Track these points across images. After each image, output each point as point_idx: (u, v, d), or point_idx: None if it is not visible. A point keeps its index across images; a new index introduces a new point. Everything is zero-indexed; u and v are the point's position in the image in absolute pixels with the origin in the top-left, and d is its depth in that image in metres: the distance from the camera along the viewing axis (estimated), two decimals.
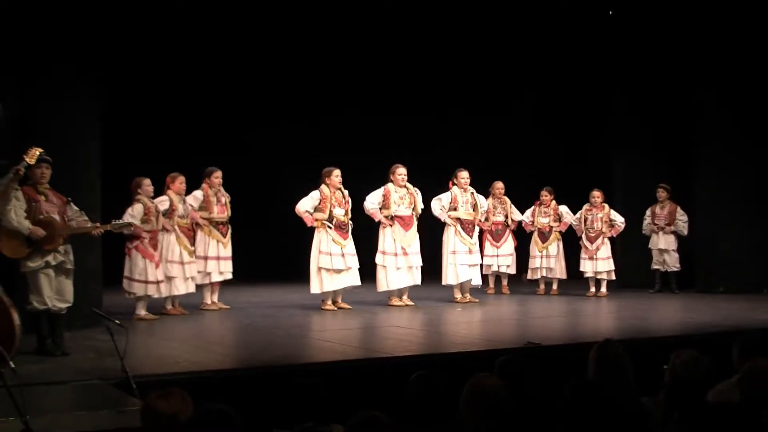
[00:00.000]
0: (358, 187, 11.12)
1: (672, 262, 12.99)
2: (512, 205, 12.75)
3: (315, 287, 10.59)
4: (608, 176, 14.07)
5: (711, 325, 9.21)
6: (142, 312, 9.72)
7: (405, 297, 11.13)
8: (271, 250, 14.44)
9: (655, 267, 13.11)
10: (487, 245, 12.46)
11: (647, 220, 13.14)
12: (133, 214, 9.50)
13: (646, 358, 5.29)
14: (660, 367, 4.68)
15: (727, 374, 4.81)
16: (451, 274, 11.44)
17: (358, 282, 10.76)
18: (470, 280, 11.47)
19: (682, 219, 12.93)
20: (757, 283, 12.49)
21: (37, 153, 6.99)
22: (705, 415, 2.99)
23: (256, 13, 13.67)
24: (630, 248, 13.26)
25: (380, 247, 11.00)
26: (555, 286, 12.77)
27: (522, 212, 12.83)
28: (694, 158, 13.26)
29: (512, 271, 13.00)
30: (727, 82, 12.70)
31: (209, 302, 10.71)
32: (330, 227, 10.51)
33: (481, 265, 11.96)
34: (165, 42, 13.47)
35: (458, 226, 11.42)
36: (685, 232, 12.95)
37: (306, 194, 10.62)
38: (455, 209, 11.45)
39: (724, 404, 3.62)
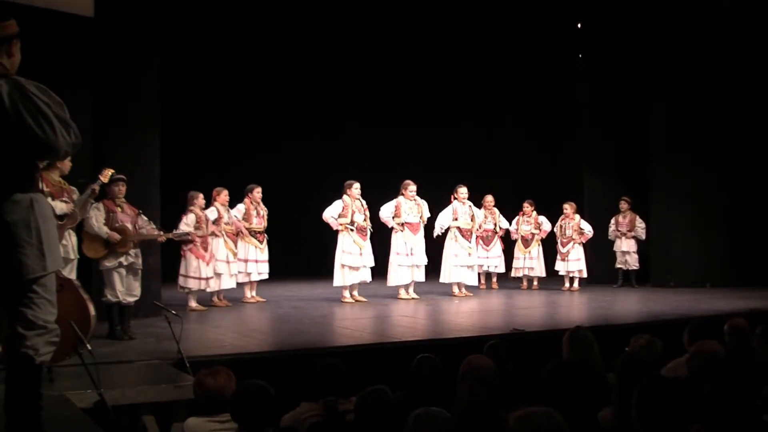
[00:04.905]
0: (374, 196, 11.13)
1: (632, 262, 12.98)
2: (500, 215, 12.73)
3: (337, 280, 10.61)
4: (580, 191, 14.10)
5: (663, 314, 9.18)
6: (193, 304, 9.74)
7: (411, 291, 11.12)
8: (299, 252, 14.45)
9: (619, 266, 13.09)
10: (479, 248, 12.44)
11: (612, 227, 13.13)
12: (188, 222, 9.55)
13: (611, 342, 5.28)
14: (622, 348, 4.69)
15: (678, 354, 4.81)
16: (450, 274, 11.44)
17: (369, 278, 10.75)
18: (466, 279, 11.48)
19: (640, 226, 12.93)
20: (701, 279, 12.45)
21: (110, 173, 7.03)
22: (658, 387, 2.98)
23: (294, 37, 13.83)
24: (598, 251, 13.21)
25: (393, 249, 10.98)
26: (536, 283, 12.74)
27: (508, 220, 12.82)
28: (648, 177, 13.26)
29: (501, 270, 12.96)
30: (676, 114, 12.72)
31: (249, 296, 10.72)
32: (352, 230, 10.52)
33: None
34: (207, 71, 13.65)
35: (458, 234, 11.43)
36: (643, 237, 12.94)
37: (330, 203, 10.66)
38: (456, 220, 11.45)
39: (675, 378, 3.61)
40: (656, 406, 2.93)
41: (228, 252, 10.15)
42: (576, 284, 12.39)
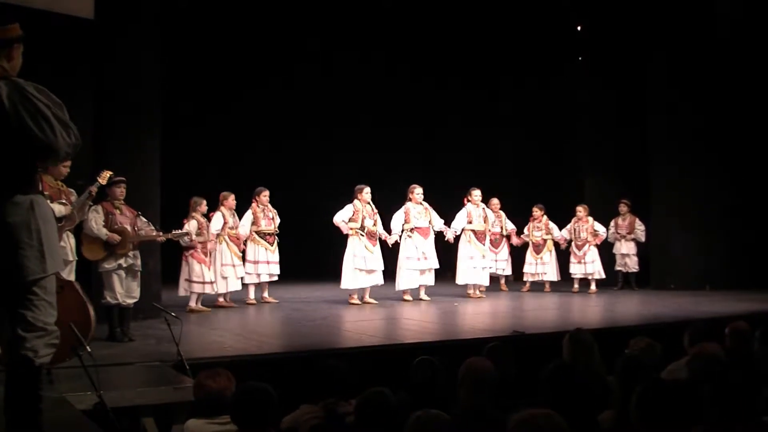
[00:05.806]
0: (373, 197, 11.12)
1: (632, 265, 12.95)
2: (506, 218, 12.73)
3: (346, 283, 10.55)
4: (581, 192, 14.11)
5: (664, 317, 9.19)
6: (193, 304, 9.78)
7: (423, 293, 11.08)
8: (300, 253, 14.39)
9: (618, 268, 13.06)
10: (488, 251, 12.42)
11: (612, 230, 13.07)
12: (189, 229, 9.57)
13: (610, 344, 5.28)
14: (622, 351, 4.70)
15: (678, 356, 4.82)
16: (465, 276, 11.46)
17: (381, 281, 10.71)
18: (480, 280, 11.50)
19: (640, 228, 12.90)
20: (701, 281, 12.45)
21: (108, 175, 7.03)
22: (659, 389, 2.99)
23: (294, 37, 13.85)
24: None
25: (404, 253, 10.93)
26: (547, 286, 12.67)
27: (512, 221, 12.78)
28: (648, 179, 13.27)
29: (508, 272, 12.99)
30: (676, 116, 12.74)
31: (251, 298, 10.69)
32: (362, 234, 10.51)
33: None
34: (212, 73, 13.65)
35: (472, 236, 11.42)
36: (643, 239, 12.90)
37: (341, 208, 10.65)
38: (470, 222, 11.43)
39: (675, 380, 3.63)
40: (656, 409, 2.94)
41: (232, 255, 10.18)
42: (594, 286, 12.38)
